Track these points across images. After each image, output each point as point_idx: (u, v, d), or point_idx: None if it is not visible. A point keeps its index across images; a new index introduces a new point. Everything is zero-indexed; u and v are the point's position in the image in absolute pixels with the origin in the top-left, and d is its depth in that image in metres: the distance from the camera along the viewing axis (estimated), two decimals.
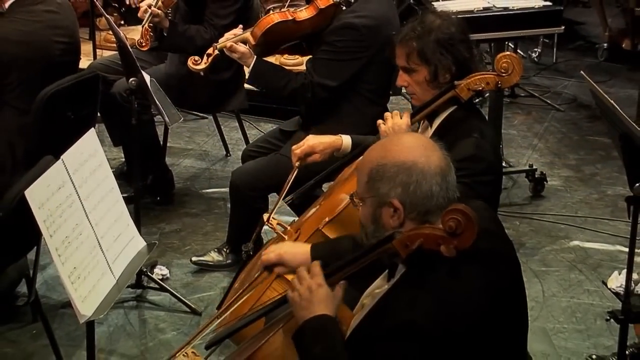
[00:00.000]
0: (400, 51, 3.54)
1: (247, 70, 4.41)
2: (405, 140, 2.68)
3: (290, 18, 4.37)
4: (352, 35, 4.31)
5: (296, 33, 4.48)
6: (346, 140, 3.88)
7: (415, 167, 2.55)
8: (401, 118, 3.53)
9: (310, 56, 4.58)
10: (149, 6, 4.92)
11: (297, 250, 3.16)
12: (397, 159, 2.57)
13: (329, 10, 4.38)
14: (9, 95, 4.31)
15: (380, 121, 3.56)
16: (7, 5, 4.40)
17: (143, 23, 4.94)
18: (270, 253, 3.15)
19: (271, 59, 4.72)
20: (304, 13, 4.38)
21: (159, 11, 4.93)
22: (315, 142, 3.85)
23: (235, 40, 4.36)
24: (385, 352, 2.45)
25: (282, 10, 4.47)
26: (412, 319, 2.42)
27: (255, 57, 4.37)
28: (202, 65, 4.44)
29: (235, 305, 3.39)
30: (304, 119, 4.57)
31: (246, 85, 5.40)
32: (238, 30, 4.49)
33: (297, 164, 3.83)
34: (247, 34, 4.38)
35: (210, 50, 4.41)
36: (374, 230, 2.63)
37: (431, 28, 3.48)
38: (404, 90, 4.79)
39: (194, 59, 4.45)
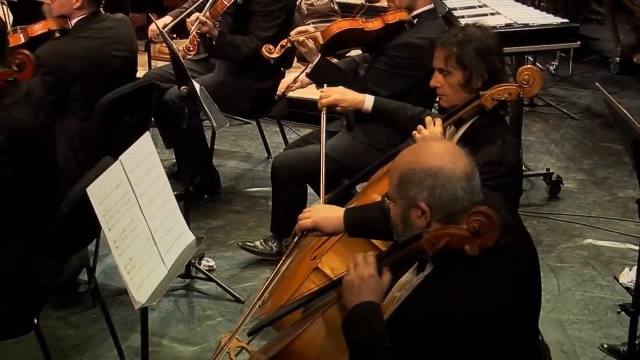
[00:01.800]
0: (439, 53, 3.52)
1: (309, 66, 4.41)
2: (433, 146, 2.68)
3: (360, 27, 4.39)
4: (411, 53, 4.28)
5: (360, 40, 4.51)
6: (368, 102, 3.95)
7: (442, 172, 2.54)
8: (434, 126, 3.51)
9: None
10: (198, 16, 4.95)
11: (331, 215, 3.19)
12: (426, 164, 2.56)
13: (394, 26, 4.37)
14: (72, 104, 4.34)
15: (415, 132, 3.55)
16: (73, 22, 4.42)
17: (191, 31, 4.96)
18: (307, 219, 3.19)
19: None
20: (372, 24, 4.39)
21: (207, 20, 4.95)
22: (340, 98, 3.94)
23: (306, 36, 4.37)
24: (422, 340, 2.45)
25: (353, 18, 4.48)
26: (447, 308, 2.43)
27: (320, 55, 4.37)
28: (275, 54, 4.46)
29: (275, 295, 3.40)
30: (348, 120, 4.56)
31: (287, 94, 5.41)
32: (310, 27, 4.50)
33: (323, 110, 3.90)
34: (317, 33, 4.39)
35: (283, 42, 4.43)
36: (403, 229, 2.63)
37: (472, 37, 3.48)
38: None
39: (268, 47, 4.46)
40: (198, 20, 4.92)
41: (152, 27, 5.32)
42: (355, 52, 5.03)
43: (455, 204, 2.54)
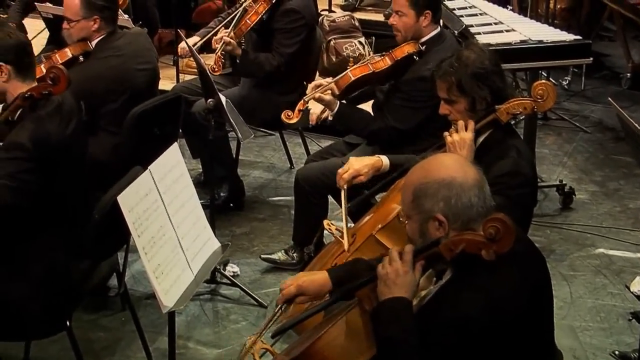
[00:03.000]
0: (441, 85, 3.52)
1: (330, 114, 4.41)
2: (441, 159, 2.68)
3: (370, 71, 4.39)
4: (423, 86, 4.25)
5: (373, 80, 4.51)
6: (385, 160, 3.90)
7: (455, 181, 2.54)
8: (466, 130, 3.47)
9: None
10: (222, 37, 4.97)
11: (314, 277, 2.97)
12: (437, 176, 2.56)
13: (404, 61, 4.37)
14: (104, 121, 4.38)
15: (446, 133, 3.51)
16: (93, 43, 4.45)
17: (216, 51, 4.98)
18: (290, 286, 2.94)
19: None
20: (381, 64, 4.39)
21: (232, 40, 4.97)
22: (360, 166, 3.84)
23: (321, 91, 4.36)
24: (442, 343, 2.45)
25: (363, 64, 4.47)
26: (466, 312, 2.43)
27: (338, 103, 4.38)
28: (294, 120, 4.45)
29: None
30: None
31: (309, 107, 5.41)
32: (323, 81, 4.49)
33: (345, 186, 3.81)
34: (332, 85, 4.39)
35: (300, 106, 4.41)
36: (422, 244, 2.62)
37: (467, 63, 3.45)
38: None
39: (287, 114, 4.42)
40: (222, 41, 4.94)
41: (182, 45, 5.35)
42: None
43: (471, 211, 2.54)
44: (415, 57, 4.37)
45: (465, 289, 2.49)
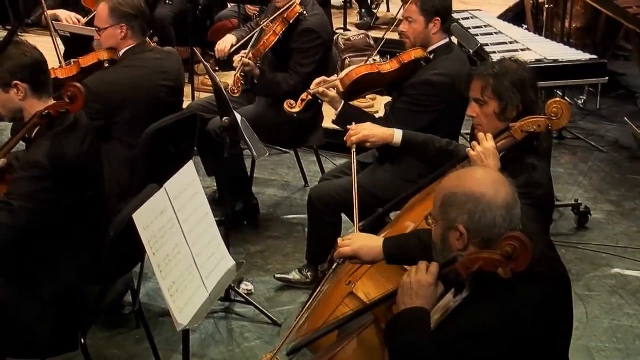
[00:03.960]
0: (476, 84, 3.52)
1: (334, 113, 4.43)
2: (478, 173, 2.70)
3: (376, 70, 4.40)
4: (429, 90, 4.30)
5: (379, 82, 4.52)
6: (397, 137, 3.92)
7: (483, 198, 2.56)
8: (487, 141, 3.46)
9: (389, 100, 4.60)
10: (242, 57, 5.00)
11: (370, 244, 3.18)
12: (468, 189, 2.58)
13: (411, 65, 4.39)
14: (118, 132, 4.38)
15: (469, 149, 3.51)
16: (121, 52, 4.49)
17: (235, 72, 5.01)
18: (346, 247, 3.18)
19: None
20: (388, 66, 4.41)
21: (250, 61, 4.99)
22: (369, 134, 3.91)
23: (326, 86, 4.39)
24: (457, 353, 2.45)
25: (369, 62, 4.49)
26: (483, 323, 2.46)
27: (343, 101, 4.39)
28: (297, 109, 4.47)
29: (312, 318, 3.39)
30: (379, 154, 4.57)
31: (324, 124, 5.43)
32: (322, 78, 4.52)
33: (353, 148, 3.87)
34: (337, 82, 4.41)
35: (304, 96, 4.43)
36: (442, 249, 2.66)
37: (508, 69, 3.48)
38: (464, 131, 4.76)
39: (290, 103, 4.47)
40: (242, 62, 4.98)
41: (219, 47, 5.37)
42: None
43: (493, 230, 2.55)
44: (422, 62, 4.39)
45: (481, 304, 2.51)
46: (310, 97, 4.44)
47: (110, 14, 4.42)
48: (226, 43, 5.36)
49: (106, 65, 4.49)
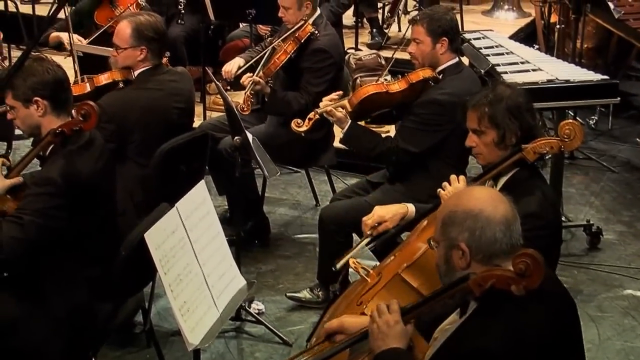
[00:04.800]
0: (472, 115, 3.53)
1: (340, 132, 4.44)
2: (475, 191, 2.73)
3: (384, 90, 4.41)
4: (436, 110, 4.31)
5: (387, 102, 4.52)
6: (411, 208, 3.88)
7: (482, 214, 2.58)
8: (458, 182, 3.52)
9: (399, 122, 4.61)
10: (252, 76, 5.02)
11: (358, 319, 3.04)
12: (467, 206, 2.60)
13: (419, 85, 4.40)
14: (131, 151, 4.40)
15: (439, 189, 3.57)
16: (136, 73, 4.51)
17: (245, 90, 5.03)
18: (332, 322, 3.03)
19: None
20: (396, 86, 4.41)
21: (260, 80, 5.01)
22: (384, 213, 3.83)
23: (334, 106, 4.40)
24: None
25: (377, 82, 4.50)
26: (486, 345, 2.45)
27: (350, 121, 4.40)
28: (304, 127, 4.49)
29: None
30: (390, 173, 4.58)
31: (335, 144, 5.44)
32: (335, 95, 4.54)
33: (368, 232, 3.81)
34: (345, 101, 4.42)
35: (311, 115, 4.45)
36: (446, 270, 2.66)
37: (502, 96, 3.48)
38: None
39: (297, 122, 4.49)
40: (252, 80, 5.00)
41: (226, 68, 5.39)
42: None
43: (494, 246, 2.57)
44: (431, 82, 4.40)
45: (489, 323, 2.51)
46: (317, 116, 4.45)
47: (132, 35, 4.44)
48: (233, 65, 5.37)
49: (121, 85, 4.52)
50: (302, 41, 5.10)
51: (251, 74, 5.10)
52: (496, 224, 2.57)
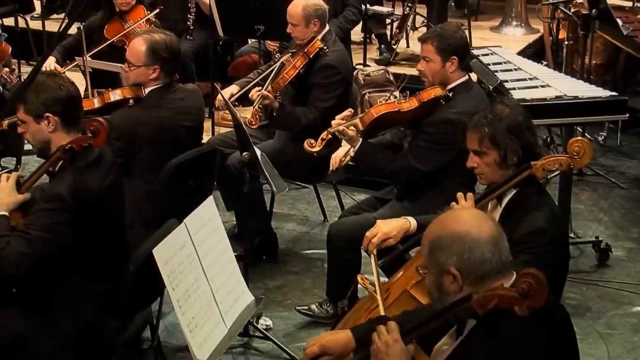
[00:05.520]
0: (472, 136, 3.53)
1: (352, 151, 4.44)
2: (458, 214, 2.73)
3: (396, 109, 4.41)
4: (448, 129, 4.31)
5: (398, 121, 4.54)
6: (413, 222, 3.87)
7: (469, 236, 2.57)
8: (465, 201, 3.51)
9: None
10: (261, 90, 5.03)
11: (337, 336, 3.05)
12: (452, 230, 2.60)
13: (430, 103, 4.40)
14: (139, 168, 4.41)
15: (447, 208, 3.55)
16: (146, 90, 4.52)
17: (254, 105, 5.04)
18: (313, 346, 3.01)
19: None
20: (408, 104, 4.41)
21: (269, 94, 5.02)
22: (388, 229, 3.82)
23: (346, 125, 4.40)
24: None
25: (389, 101, 4.51)
26: None
27: (361, 140, 4.40)
28: (317, 148, 4.49)
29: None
30: (398, 190, 4.58)
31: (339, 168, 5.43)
32: (347, 112, 4.54)
33: (374, 251, 3.79)
34: (357, 120, 4.43)
35: (324, 135, 4.45)
36: (438, 297, 2.66)
37: (501, 116, 3.47)
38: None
39: (310, 142, 4.49)
40: (260, 95, 5.00)
41: (219, 97, 5.41)
42: None
43: (484, 266, 2.57)
44: (441, 100, 4.40)
45: (491, 344, 2.50)
46: (330, 135, 4.46)
47: (147, 54, 4.44)
48: (226, 92, 5.35)
49: (131, 102, 4.52)
50: (311, 56, 5.11)
51: (260, 88, 5.12)
52: (484, 244, 2.56)
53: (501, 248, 2.59)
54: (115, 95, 4.55)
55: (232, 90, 5.43)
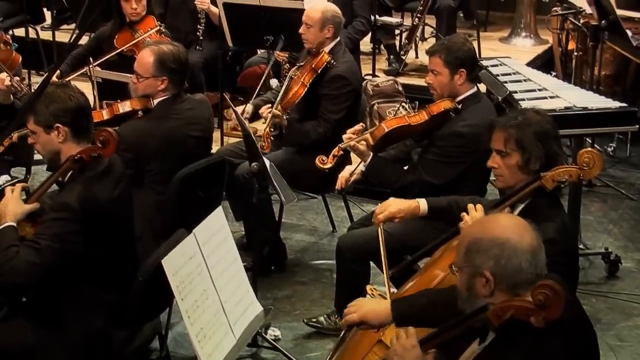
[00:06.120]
0: (499, 135, 3.53)
1: (362, 165, 4.43)
2: (501, 219, 2.72)
3: (406, 123, 4.41)
4: (459, 142, 4.31)
5: (408, 134, 4.54)
6: (423, 206, 3.90)
7: (508, 243, 2.56)
8: (476, 211, 3.52)
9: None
10: (271, 110, 5.03)
11: (378, 307, 3.16)
12: (493, 234, 2.59)
13: (440, 116, 4.40)
14: (149, 179, 4.41)
15: (461, 222, 3.55)
16: (155, 102, 4.52)
17: (265, 126, 5.03)
18: (353, 314, 3.15)
19: None
20: (418, 118, 4.42)
21: (279, 113, 5.03)
22: (396, 210, 3.87)
23: (357, 140, 4.40)
24: None
25: (398, 115, 4.51)
26: None
27: (372, 154, 4.40)
28: (329, 165, 4.51)
29: None
30: None
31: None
32: (358, 127, 4.53)
33: (381, 225, 3.83)
34: (367, 135, 4.43)
35: (335, 152, 4.46)
36: (467, 297, 2.66)
37: (531, 121, 3.49)
38: (492, 178, 4.75)
39: (322, 159, 4.50)
40: (271, 114, 5.01)
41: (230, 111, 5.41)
42: None
43: (519, 275, 2.56)
44: (451, 113, 4.40)
45: (505, 352, 2.49)
46: (341, 151, 4.47)
47: (155, 66, 4.44)
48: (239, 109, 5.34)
49: (140, 114, 4.53)
50: (319, 72, 5.11)
51: (270, 106, 5.12)
52: (522, 254, 2.56)
53: (538, 260, 2.59)
54: (124, 106, 4.55)
55: (248, 109, 5.42)
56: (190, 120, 4.55)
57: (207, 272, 3.30)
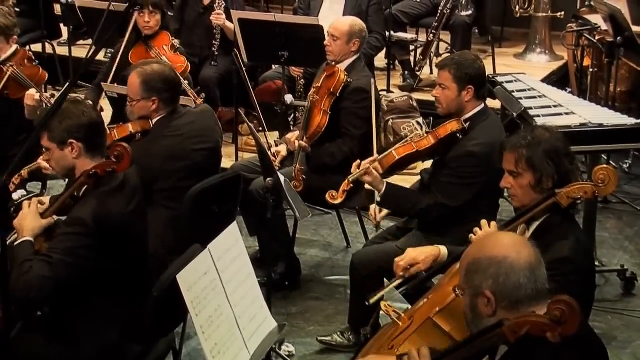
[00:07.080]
0: (509, 156, 3.52)
1: (377, 194, 4.43)
2: (498, 237, 2.75)
3: (414, 150, 4.42)
4: (472, 162, 4.31)
5: (417, 159, 4.58)
6: (443, 250, 3.88)
7: (506, 261, 2.58)
8: (489, 227, 3.53)
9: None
10: (299, 144, 5.05)
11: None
12: (490, 253, 2.61)
13: (447, 139, 4.40)
14: (160, 196, 4.43)
15: (471, 235, 3.58)
16: (153, 121, 4.54)
17: (294, 163, 5.03)
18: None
19: None
20: (425, 142, 4.43)
21: (306, 145, 5.04)
22: (416, 255, 3.86)
23: (365, 170, 4.40)
24: None
25: (406, 143, 4.51)
26: None
27: (385, 183, 4.40)
28: (339, 200, 4.54)
29: None
30: (419, 220, 4.56)
31: (366, 186, 5.43)
32: (368, 161, 4.51)
33: (400, 274, 3.82)
34: (376, 164, 4.44)
35: (344, 186, 4.48)
36: (472, 318, 2.67)
37: (541, 139, 3.48)
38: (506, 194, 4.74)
39: (332, 195, 4.52)
40: (299, 149, 5.02)
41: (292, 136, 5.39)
42: None
43: (519, 292, 2.57)
44: (458, 135, 4.38)
45: None
46: (351, 185, 4.47)
47: (141, 88, 4.47)
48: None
49: (138, 136, 4.54)
50: (338, 94, 5.10)
51: (297, 135, 5.11)
52: (520, 270, 2.57)
53: (537, 275, 2.60)
54: (121, 132, 4.56)
55: (282, 152, 5.42)
56: (190, 134, 4.56)
57: (221, 287, 3.30)
